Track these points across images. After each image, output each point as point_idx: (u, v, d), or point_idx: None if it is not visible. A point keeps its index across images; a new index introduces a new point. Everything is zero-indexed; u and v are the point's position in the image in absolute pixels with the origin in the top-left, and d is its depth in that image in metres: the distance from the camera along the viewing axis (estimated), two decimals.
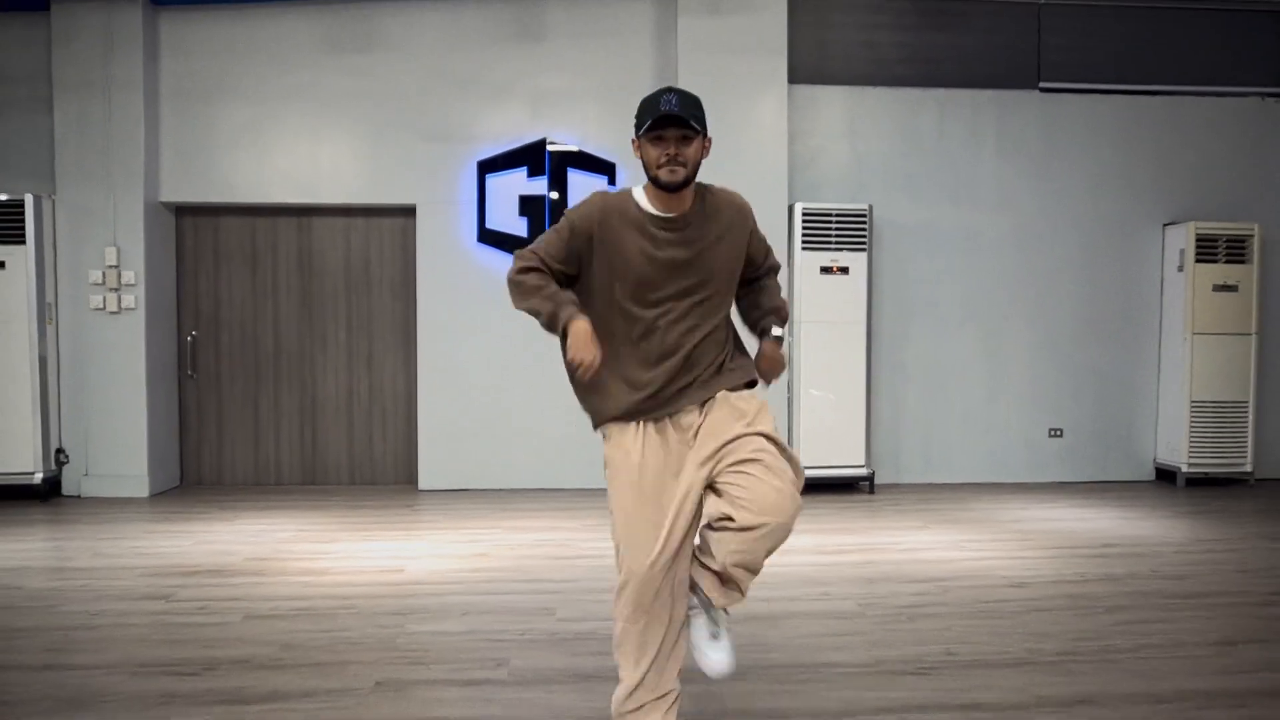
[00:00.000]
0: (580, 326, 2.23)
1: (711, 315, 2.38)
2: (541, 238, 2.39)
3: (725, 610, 2.39)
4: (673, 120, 2.20)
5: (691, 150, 2.26)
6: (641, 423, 2.36)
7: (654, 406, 2.35)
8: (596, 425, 2.44)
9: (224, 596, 3.87)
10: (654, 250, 2.30)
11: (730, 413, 2.32)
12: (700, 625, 2.38)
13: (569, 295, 2.33)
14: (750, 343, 2.52)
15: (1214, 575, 4.24)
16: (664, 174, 2.24)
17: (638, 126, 2.27)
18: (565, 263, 2.35)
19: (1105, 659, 3.16)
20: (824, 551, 4.66)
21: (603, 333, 2.31)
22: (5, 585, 4.04)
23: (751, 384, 2.45)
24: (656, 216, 2.32)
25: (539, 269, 2.33)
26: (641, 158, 2.30)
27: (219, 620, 3.55)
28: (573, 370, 2.30)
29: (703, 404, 2.37)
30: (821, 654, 3.21)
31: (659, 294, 2.32)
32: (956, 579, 4.17)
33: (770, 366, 2.45)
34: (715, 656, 2.36)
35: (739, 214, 2.41)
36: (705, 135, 2.30)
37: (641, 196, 2.35)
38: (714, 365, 2.39)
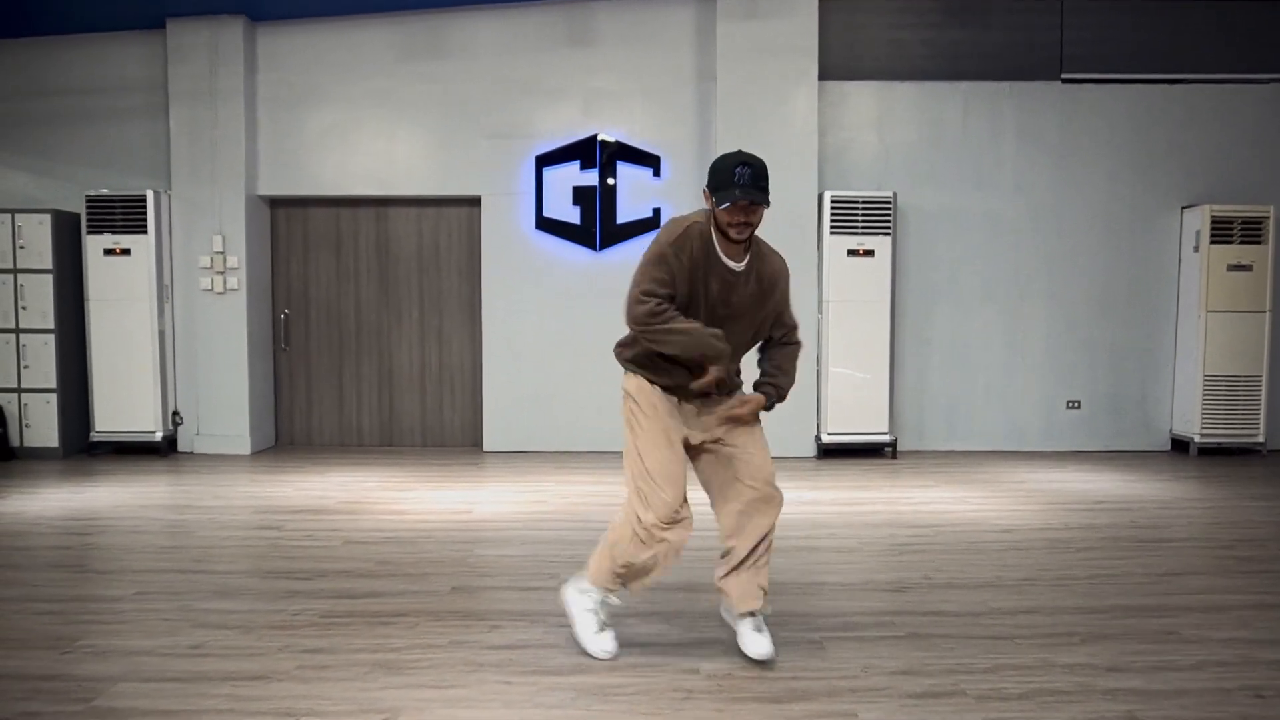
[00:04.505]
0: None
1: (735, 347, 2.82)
2: (647, 273, 2.70)
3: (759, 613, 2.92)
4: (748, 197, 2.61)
5: (758, 216, 2.67)
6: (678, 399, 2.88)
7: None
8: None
9: (325, 528, 4.65)
10: (717, 290, 2.75)
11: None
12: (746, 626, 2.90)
13: (712, 331, 2.70)
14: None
15: (1187, 526, 4.72)
16: (734, 233, 2.66)
17: (713, 189, 2.66)
18: (674, 285, 2.70)
19: (1059, 584, 3.72)
20: (839, 504, 5.25)
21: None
22: (149, 517, 4.91)
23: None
24: (728, 267, 2.75)
25: (666, 309, 2.68)
26: (713, 211, 2.70)
27: (323, 544, 4.33)
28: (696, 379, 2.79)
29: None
30: (820, 577, 3.83)
31: (714, 319, 2.77)
32: (951, 525, 4.73)
33: (740, 415, 2.82)
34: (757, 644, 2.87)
35: (779, 273, 2.86)
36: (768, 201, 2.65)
37: (715, 240, 2.72)
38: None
